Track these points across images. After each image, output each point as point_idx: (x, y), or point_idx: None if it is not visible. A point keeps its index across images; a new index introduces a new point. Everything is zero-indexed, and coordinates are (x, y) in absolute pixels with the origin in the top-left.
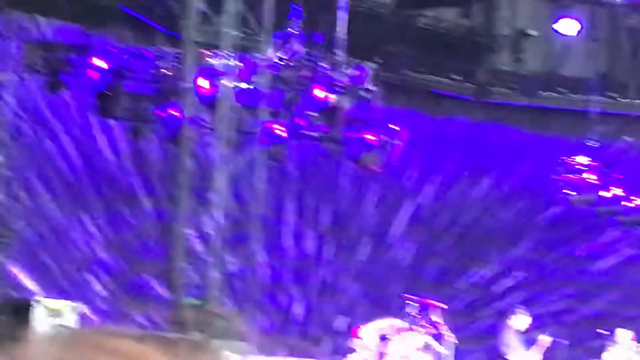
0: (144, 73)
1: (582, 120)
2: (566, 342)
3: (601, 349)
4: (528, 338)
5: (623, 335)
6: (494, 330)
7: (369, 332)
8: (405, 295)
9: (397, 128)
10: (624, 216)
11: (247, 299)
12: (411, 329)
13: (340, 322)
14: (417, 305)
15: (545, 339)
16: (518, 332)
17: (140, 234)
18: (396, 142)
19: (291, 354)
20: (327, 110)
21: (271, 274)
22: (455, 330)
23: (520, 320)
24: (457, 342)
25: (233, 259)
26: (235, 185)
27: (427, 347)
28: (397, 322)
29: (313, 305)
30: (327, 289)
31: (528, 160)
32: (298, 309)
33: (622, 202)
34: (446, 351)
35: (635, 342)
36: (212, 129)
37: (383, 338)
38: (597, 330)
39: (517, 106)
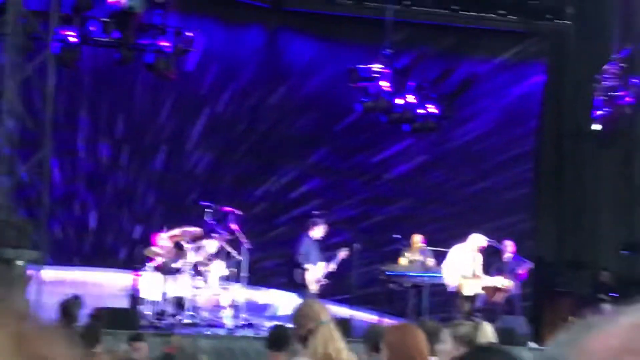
0: None
1: (377, 28)
2: (358, 246)
3: (397, 254)
4: (325, 246)
5: (417, 239)
6: (291, 237)
7: (166, 239)
8: (202, 202)
9: (192, 35)
10: (416, 123)
11: (39, 207)
12: (208, 236)
13: (137, 231)
14: (214, 212)
15: (342, 252)
16: (315, 240)
17: None
18: (191, 49)
19: (86, 264)
20: (120, 15)
21: (64, 182)
22: (252, 236)
23: (318, 229)
24: (251, 247)
25: (24, 167)
26: (26, 92)
27: (222, 254)
28: (193, 230)
29: (108, 214)
30: (122, 198)
31: (324, 68)
32: (93, 219)
33: (415, 109)
34: (241, 257)
35: (426, 246)
36: (0, 35)
37: (180, 245)
38: (393, 235)
39: (313, 13)
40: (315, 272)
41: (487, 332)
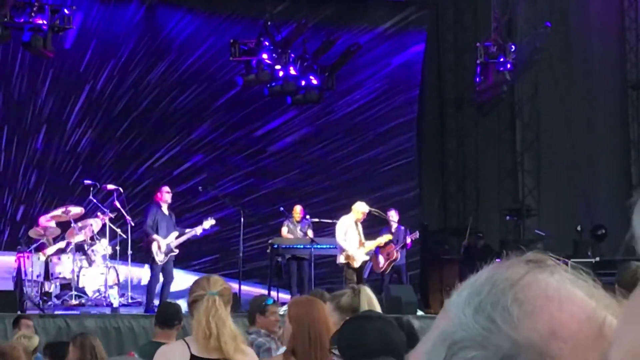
0: None
1: (256, 0)
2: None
3: (280, 226)
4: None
5: (297, 210)
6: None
7: (49, 220)
8: (85, 181)
9: (68, 12)
10: (298, 95)
11: None
12: (91, 215)
13: (20, 212)
14: (97, 190)
15: (209, 222)
16: (164, 210)
17: None
18: (68, 26)
19: None
20: None
21: None
22: (136, 214)
23: (164, 198)
24: (133, 224)
25: None
26: None
27: (107, 232)
28: (77, 209)
29: None
30: (3, 179)
31: (204, 42)
32: None
33: (297, 81)
34: (124, 234)
35: (308, 217)
36: None
37: (63, 225)
38: (279, 208)
39: None
40: (163, 243)
41: (369, 298)
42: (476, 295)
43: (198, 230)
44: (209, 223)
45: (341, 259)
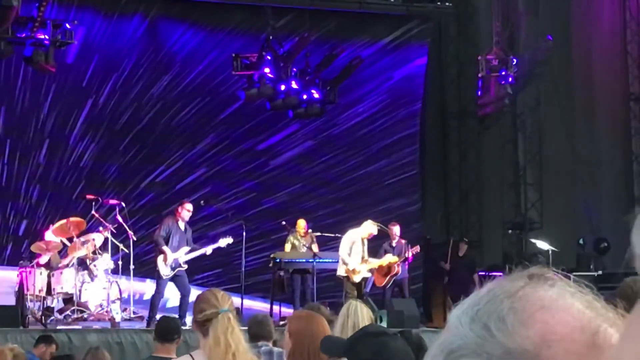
0: None
1: (259, 14)
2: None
3: (283, 240)
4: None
5: (301, 225)
6: None
7: (51, 234)
8: (87, 195)
9: (70, 26)
10: (300, 108)
11: None
12: (94, 230)
13: (22, 227)
14: (100, 205)
15: (224, 240)
16: (179, 225)
17: None
18: (70, 40)
19: None
20: None
21: None
22: (138, 229)
23: (182, 213)
24: (135, 239)
25: None
26: None
27: (109, 247)
28: (79, 223)
29: None
30: (6, 193)
31: (206, 57)
32: None
33: (299, 95)
34: (126, 249)
35: (311, 231)
36: None
37: (66, 240)
38: (281, 222)
39: (193, 1)
40: (171, 256)
41: (344, 313)
42: (475, 305)
43: (208, 250)
44: (225, 241)
45: (341, 272)
